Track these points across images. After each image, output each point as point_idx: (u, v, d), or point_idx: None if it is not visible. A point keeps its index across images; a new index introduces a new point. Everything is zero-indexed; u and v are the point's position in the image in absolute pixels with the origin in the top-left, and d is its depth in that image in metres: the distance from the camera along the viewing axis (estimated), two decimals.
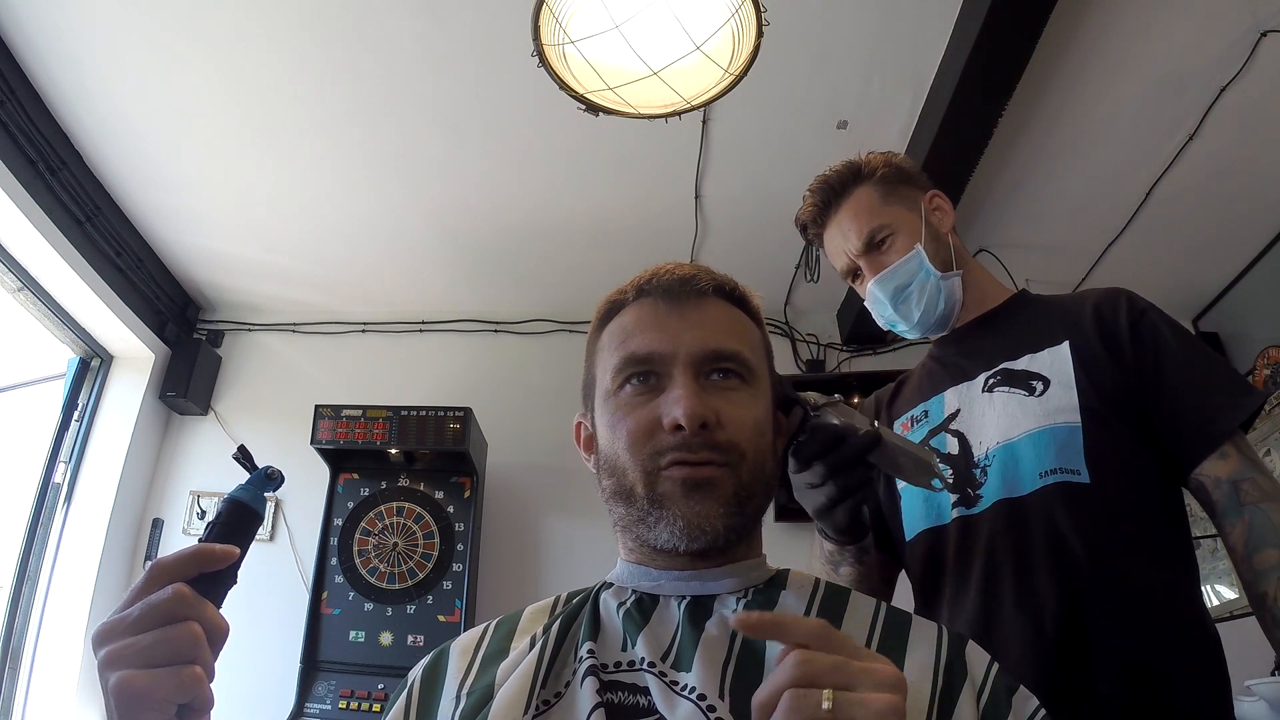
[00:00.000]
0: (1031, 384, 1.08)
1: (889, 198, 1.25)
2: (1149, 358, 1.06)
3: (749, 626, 0.53)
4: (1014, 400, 1.09)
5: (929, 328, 1.26)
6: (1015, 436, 1.06)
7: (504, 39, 2.15)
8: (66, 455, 2.85)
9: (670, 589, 0.72)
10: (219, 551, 0.57)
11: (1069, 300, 1.18)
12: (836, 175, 1.28)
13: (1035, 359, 1.10)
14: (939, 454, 1.13)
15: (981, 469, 1.09)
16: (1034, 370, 1.09)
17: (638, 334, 0.76)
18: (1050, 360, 1.09)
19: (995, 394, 1.11)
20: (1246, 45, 2.26)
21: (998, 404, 1.10)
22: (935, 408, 1.20)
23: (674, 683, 0.64)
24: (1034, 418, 1.05)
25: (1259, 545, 0.95)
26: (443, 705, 0.69)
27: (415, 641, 2.51)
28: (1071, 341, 1.09)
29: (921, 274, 1.21)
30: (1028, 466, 1.03)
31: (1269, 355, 3.06)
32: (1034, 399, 1.06)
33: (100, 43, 2.22)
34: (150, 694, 0.51)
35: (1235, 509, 0.98)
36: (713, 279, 0.79)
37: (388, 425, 2.68)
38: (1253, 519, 0.96)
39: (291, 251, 3.03)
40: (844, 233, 1.25)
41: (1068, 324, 1.12)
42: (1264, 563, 0.94)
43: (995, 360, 1.14)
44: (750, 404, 0.74)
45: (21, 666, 2.55)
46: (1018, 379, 1.10)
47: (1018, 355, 1.12)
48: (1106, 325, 1.10)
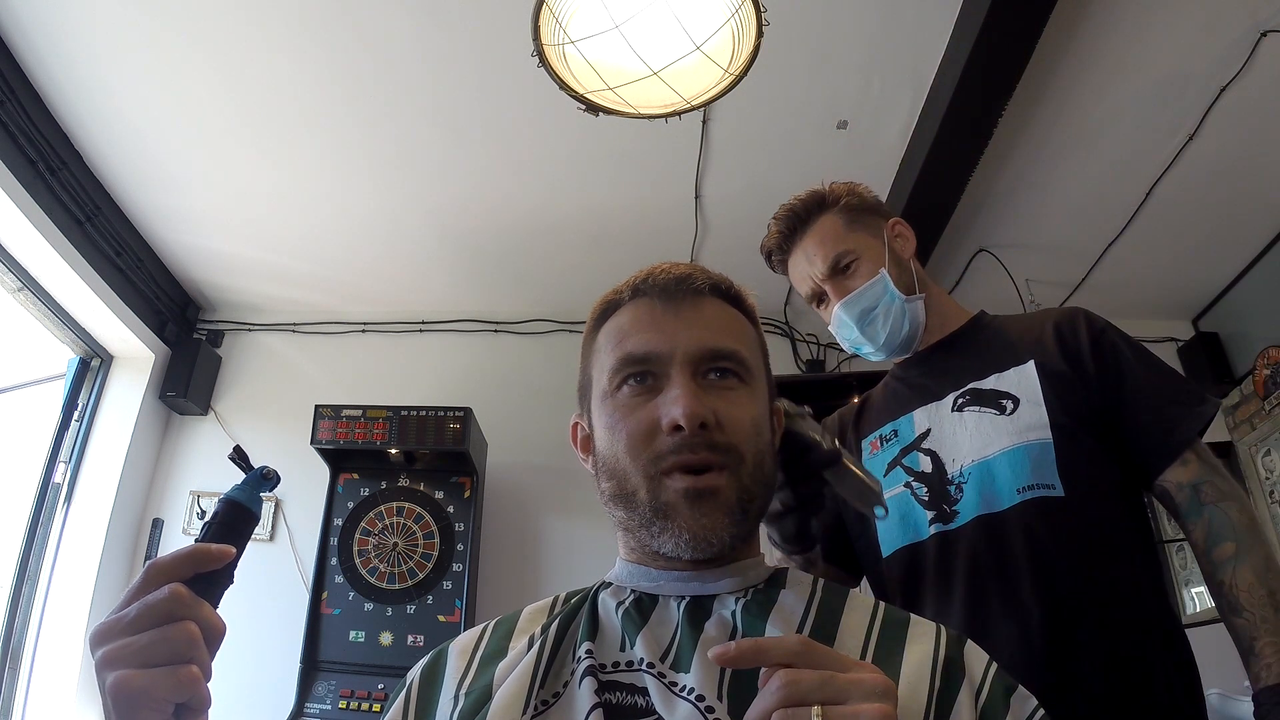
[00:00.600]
0: (1001, 403, 1.13)
1: (853, 225, 1.29)
2: (1111, 373, 1.13)
3: (729, 660, 0.54)
4: (985, 419, 1.14)
5: (894, 350, 1.30)
6: (990, 454, 1.11)
7: (504, 39, 2.15)
8: (66, 455, 2.85)
9: (670, 589, 0.72)
10: (215, 551, 0.57)
11: (1028, 320, 1.25)
12: (801, 203, 1.31)
13: (1002, 378, 1.15)
14: (912, 472, 1.19)
15: (956, 486, 1.13)
16: (1002, 389, 1.15)
17: (634, 334, 0.75)
18: (1017, 379, 1.14)
19: (966, 413, 1.16)
20: (1246, 45, 2.26)
21: (969, 423, 1.15)
22: (905, 427, 1.24)
23: (673, 684, 0.63)
24: (1007, 435, 1.11)
25: (1217, 539, 1.04)
26: (441, 705, 0.69)
27: (415, 641, 2.51)
28: (1036, 360, 1.14)
29: (886, 297, 1.25)
30: (1004, 483, 1.08)
31: (1269, 355, 3.06)
32: (1005, 417, 1.12)
33: (100, 43, 2.22)
34: (147, 693, 0.51)
35: (1196, 509, 1.06)
36: (708, 278, 0.79)
37: (388, 425, 2.68)
38: (1211, 517, 1.05)
39: (291, 251, 3.03)
40: (809, 258, 1.29)
41: (1030, 343, 1.17)
42: (1221, 555, 1.03)
43: (963, 380, 1.19)
44: (748, 403, 0.74)
45: (21, 666, 2.55)
46: (987, 398, 1.15)
47: (984, 375, 1.17)
48: (1068, 343, 1.16)
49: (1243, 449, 3.20)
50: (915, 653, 0.65)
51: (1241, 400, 3.20)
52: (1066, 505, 1.05)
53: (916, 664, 0.64)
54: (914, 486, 1.18)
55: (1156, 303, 3.40)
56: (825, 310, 1.31)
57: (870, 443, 1.27)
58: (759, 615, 0.68)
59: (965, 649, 0.67)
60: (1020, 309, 3.22)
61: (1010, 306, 3.23)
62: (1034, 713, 0.63)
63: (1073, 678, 0.98)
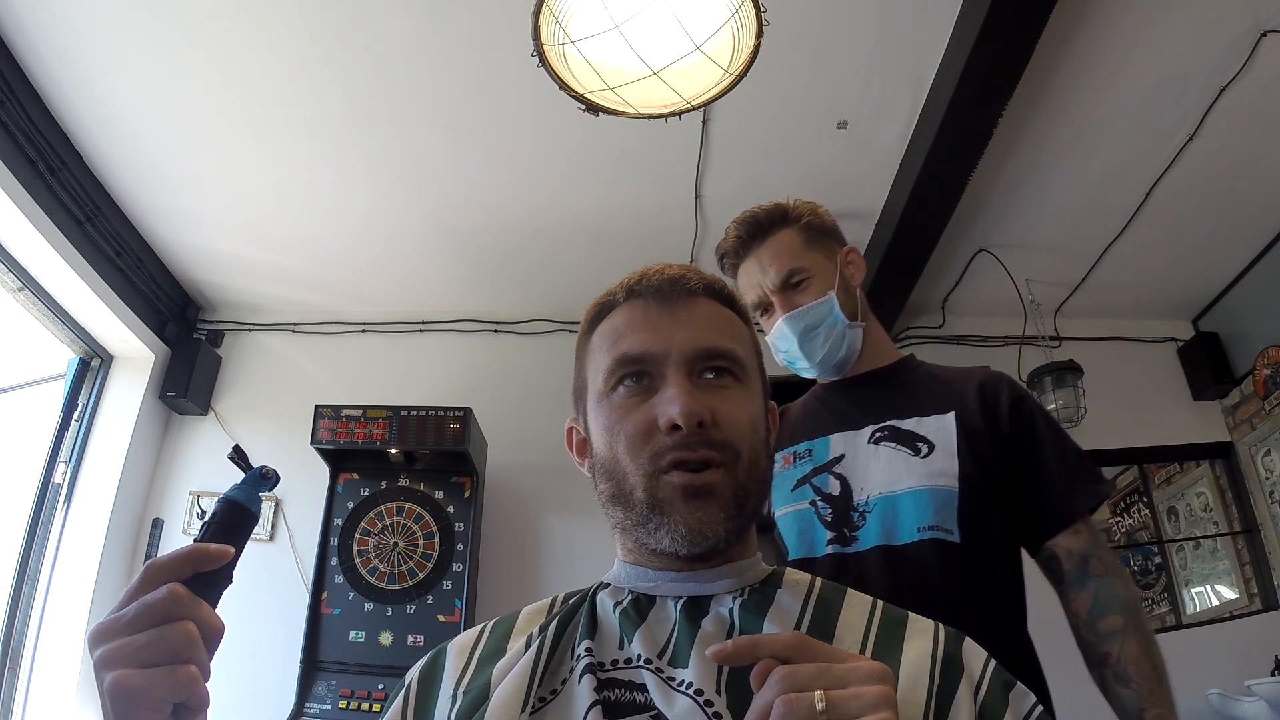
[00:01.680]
0: (917, 445, 1.20)
1: (810, 244, 1.33)
2: (1023, 439, 1.20)
3: (726, 657, 0.55)
4: (899, 457, 1.21)
5: (827, 370, 1.35)
6: (897, 490, 1.18)
7: (504, 39, 2.16)
8: (66, 455, 2.85)
9: (667, 590, 0.72)
10: (214, 551, 0.57)
11: (955, 374, 1.32)
12: (764, 214, 1.35)
13: (922, 423, 1.22)
14: (820, 492, 1.25)
15: (860, 513, 1.20)
16: (920, 433, 1.22)
17: (629, 334, 0.75)
18: (936, 426, 1.21)
19: (881, 447, 1.23)
20: (1246, 45, 2.26)
21: (883, 457, 1.22)
22: (820, 449, 1.30)
23: (671, 679, 0.64)
24: (917, 476, 1.18)
25: (1104, 611, 1.12)
26: (439, 705, 0.70)
27: (415, 641, 2.51)
28: (957, 413, 1.21)
29: (831, 319, 1.30)
30: (907, 519, 1.15)
31: (1269, 355, 3.06)
32: (918, 459, 1.19)
33: (100, 43, 2.23)
34: (146, 693, 0.51)
35: (1082, 579, 1.14)
36: (702, 279, 0.79)
37: (388, 425, 2.68)
38: (1098, 589, 1.13)
39: (291, 251, 3.04)
40: (763, 268, 1.33)
41: (954, 396, 1.25)
42: (1108, 626, 1.11)
43: (883, 416, 1.26)
44: (744, 401, 0.74)
45: (21, 666, 2.55)
46: (904, 438, 1.22)
47: (905, 415, 1.24)
48: (989, 404, 1.23)
49: (1243, 449, 3.20)
50: (914, 649, 0.66)
51: (1241, 400, 3.20)
52: (960, 551, 1.13)
53: (915, 660, 0.64)
54: (819, 506, 1.24)
55: (1156, 303, 3.40)
56: (767, 320, 1.34)
57: (784, 457, 1.33)
58: (757, 613, 0.68)
59: (964, 645, 0.67)
60: (1020, 309, 3.23)
61: (1010, 306, 3.23)
62: (1033, 709, 0.63)
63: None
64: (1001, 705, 0.62)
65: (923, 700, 0.61)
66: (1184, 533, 3.85)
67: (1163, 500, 4.06)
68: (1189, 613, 3.96)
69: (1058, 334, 3.35)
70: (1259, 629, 2.94)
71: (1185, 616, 3.97)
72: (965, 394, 1.24)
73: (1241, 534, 3.25)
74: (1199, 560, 3.88)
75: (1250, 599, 3.20)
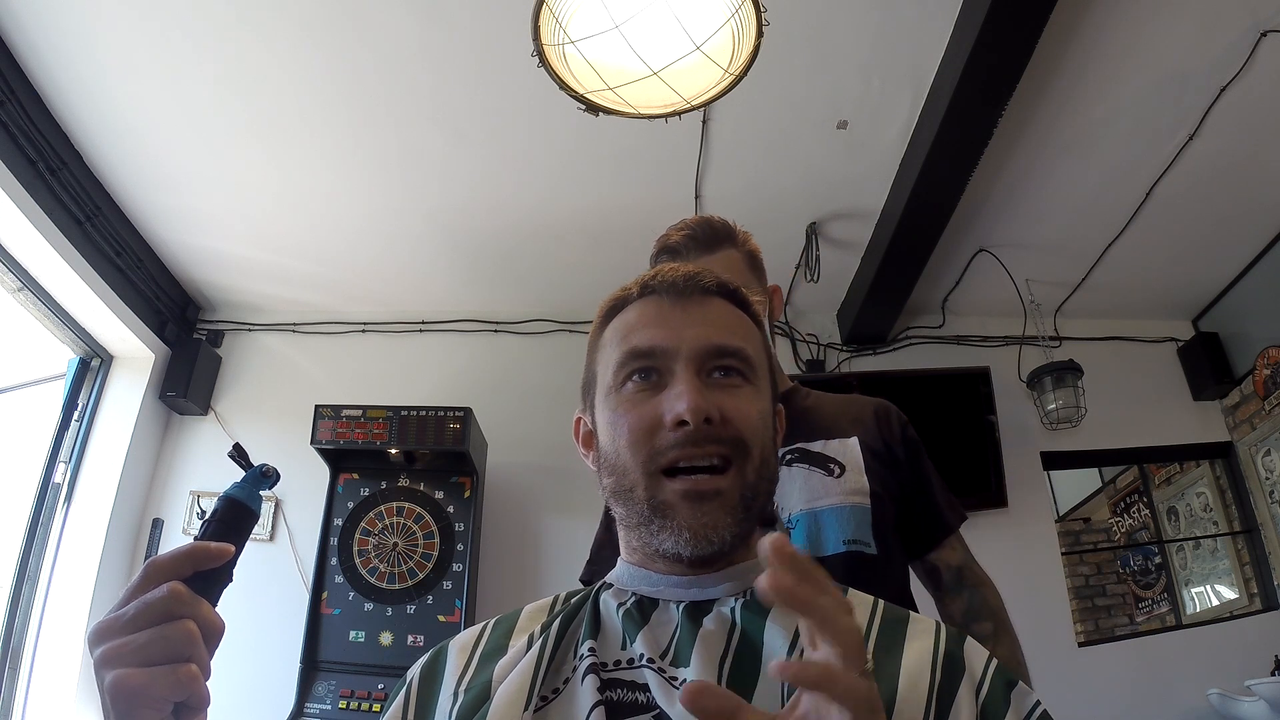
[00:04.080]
0: (830, 466, 1.29)
1: (751, 269, 1.39)
2: (912, 462, 1.33)
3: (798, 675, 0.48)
4: (815, 476, 1.29)
5: None
6: (819, 506, 1.26)
7: (504, 39, 2.16)
8: (66, 455, 2.85)
9: (670, 594, 0.72)
10: (214, 549, 0.57)
11: (846, 400, 1.43)
12: (720, 226, 1.40)
13: (828, 445, 1.31)
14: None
15: (785, 530, 1.26)
16: (829, 454, 1.30)
17: (640, 329, 0.75)
18: (842, 449, 1.30)
19: (795, 468, 1.30)
20: (1246, 45, 2.26)
21: (798, 477, 1.29)
22: None
23: (673, 678, 0.64)
24: (835, 495, 1.26)
25: (976, 617, 1.26)
26: (440, 703, 0.70)
27: (415, 641, 2.51)
28: (860, 438, 1.31)
29: None
30: (830, 534, 1.23)
31: (1269, 355, 3.06)
32: (833, 479, 1.27)
33: (100, 43, 2.23)
34: (146, 692, 0.51)
35: (958, 588, 1.30)
36: (716, 278, 0.79)
37: (388, 425, 2.68)
38: (971, 597, 1.29)
39: (291, 251, 3.04)
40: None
41: (852, 421, 1.34)
42: (980, 631, 1.23)
43: (791, 439, 1.32)
44: (754, 399, 0.74)
45: (21, 666, 2.55)
46: (815, 459, 1.30)
47: (812, 439, 1.32)
48: (884, 429, 1.35)
49: (1243, 449, 3.20)
50: (915, 649, 0.65)
51: (1241, 400, 3.20)
52: (876, 562, 1.22)
53: (916, 659, 0.64)
54: None
55: (1156, 303, 3.40)
56: None
57: None
58: (758, 613, 0.68)
59: (965, 645, 0.67)
60: (1020, 309, 3.23)
61: (1010, 306, 3.24)
62: (1034, 708, 0.63)
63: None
64: (1003, 704, 0.62)
65: (923, 699, 0.61)
66: (1184, 533, 3.85)
67: (1163, 500, 4.06)
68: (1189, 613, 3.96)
69: (1058, 334, 3.35)
70: (1259, 629, 2.94)
71: (1185, 616, 3.98)
72: (863, 420, 1.35)
73: (1241, 534, 3.25)
74: (1199, 560, 3.89)
75: (1250, 599, 3.20)
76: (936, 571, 1.32)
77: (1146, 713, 2.72)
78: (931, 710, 0.61)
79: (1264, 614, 3.02)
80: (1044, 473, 3.22)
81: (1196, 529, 3.70)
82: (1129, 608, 4.36)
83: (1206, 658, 2.81)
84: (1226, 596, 3.54)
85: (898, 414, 1.39)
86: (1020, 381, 3.23)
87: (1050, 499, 3.49)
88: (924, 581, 1.35)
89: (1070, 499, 4.97)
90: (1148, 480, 4.23)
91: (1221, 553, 3.53)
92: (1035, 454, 3.18)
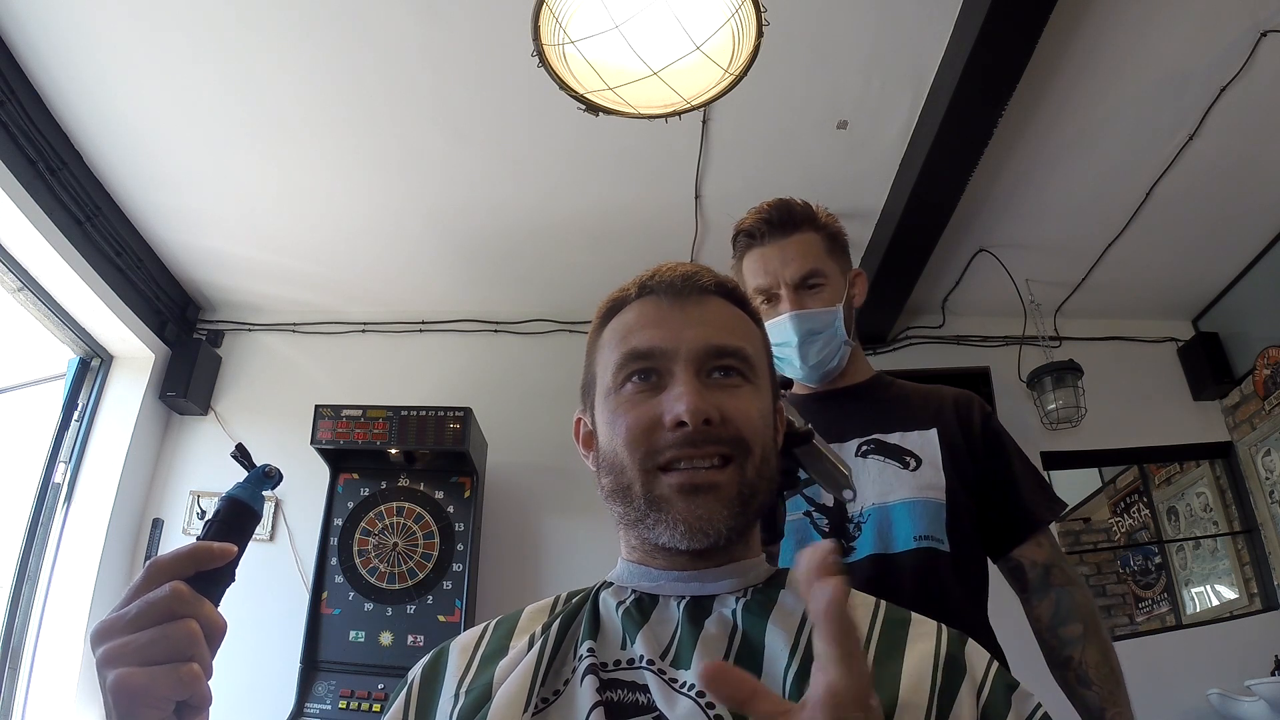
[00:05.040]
0: (905, 459, 1.26)
1: (831, 253, 1.37)
2: (995, 457, 1.30)
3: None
4: (889, 469, 1.26)
5: (814, 376, 1.38)
6: (890, 501, 1.23)
7: (504, 39, 2.15)
8: (66, 455, 2.85)
9: (670, 589, 0.72)
10: (216, 549, 0.57)
11: (928, 391, 1.38)
12: (800, 208, 1.37)
13: (906, 437, 1.28)
14: (814, 503, 1.28)
15: (856, 524, 1.24)
16: (906, 447, 1.27)
17: (639, 330, 0.76)
18: (920, 441, 1.28)
19: (870, 460, 1.27)
20: (1246, 45, 2.26)
21: (872, 470, 1.26)
22: None
23: (673, 680, 0.64)
24: (908, 489, 1.23)
25: (1066, 619, 1.21)
26: (441, 703, 0.70)
27: (415, 641, 2.51)
28: (939, 429, 1.28)
29: (833, 328, 1.34)
30: (901, 530, 1.21)
31: (1269, 355, 3.06)
32: (908, 472, 1.25)
33: (100, 43, 2.22)
34: (148, 692, 0.51)
35: (1044, 588, 1.24)
36: (714, 277, 0.79)
37: (388, 425, 2.68)
38: (1059, 597, 1.23)
39: (291, 251, 3.04)
40: (785, 259, 1.34)
41: (932, 413, 1.32)
42: (1070, 633, 1.20)
43: (868, 430, 1.30)
44: (754, 398, 0.74)
45: (21, 666, 2.55)
46: (891, 451, 1.27)
47: (889, 430, 1.29)
48: (965, 422, 1.31)
49: (1243, 449, 3.20)
50: (916, 651, 0.66)
51: (1241, 400, 3.20)
52: (950, 559, 1.20)
53: (918, 662, 0.64)
54: (814, 516, 1.27)
55: (1156, 303, 3.40)
56: (767, 309, 1.36)
57: None
58: (760, 614, 0.68)
59: (966, 647, 0.67)
60: (1020, 309, 3.23)
61: (1010, 306, 3.23)
62: (1035, 710, 0.63)
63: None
64: (1004, 706, 0.62)
65: (924, 703, 0.61)
66: (1184, 533, 3.85)
67: (1163, 500, 4.06)
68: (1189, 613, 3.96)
69: (1058, 334, 3.35)
70: (1259, 629, 2.94)
71: (1185, 616, 3.97)
72: (942, 411, 1.31)
73: (1241, 534, 3.25)
74: (1199, 560, 3.88)
75: (1250, 599, 3.20)
76: (1021, 570, 1.27)
77: (1146, 713, 2.70)
78: (932, 713, 0.61)
79: (1264, 614, 3.02)
80: (1044, 473, 3.21)
81: (1196, 529, 3.70)
82: (1129, 608, 4.36)
83: (1206, 658, 2.80)
84: (1226, 596, 3.54)
85: (980, 405, 1.35)
86: (1020, 381, 3.23)
87: None
88: (1010, 581, 1.29)
89: (1070, 499, 4.97)
90: (1148, 480, 4.23)
91: (1221, 553, 3.53)
92: (1035, 454, 3.18)
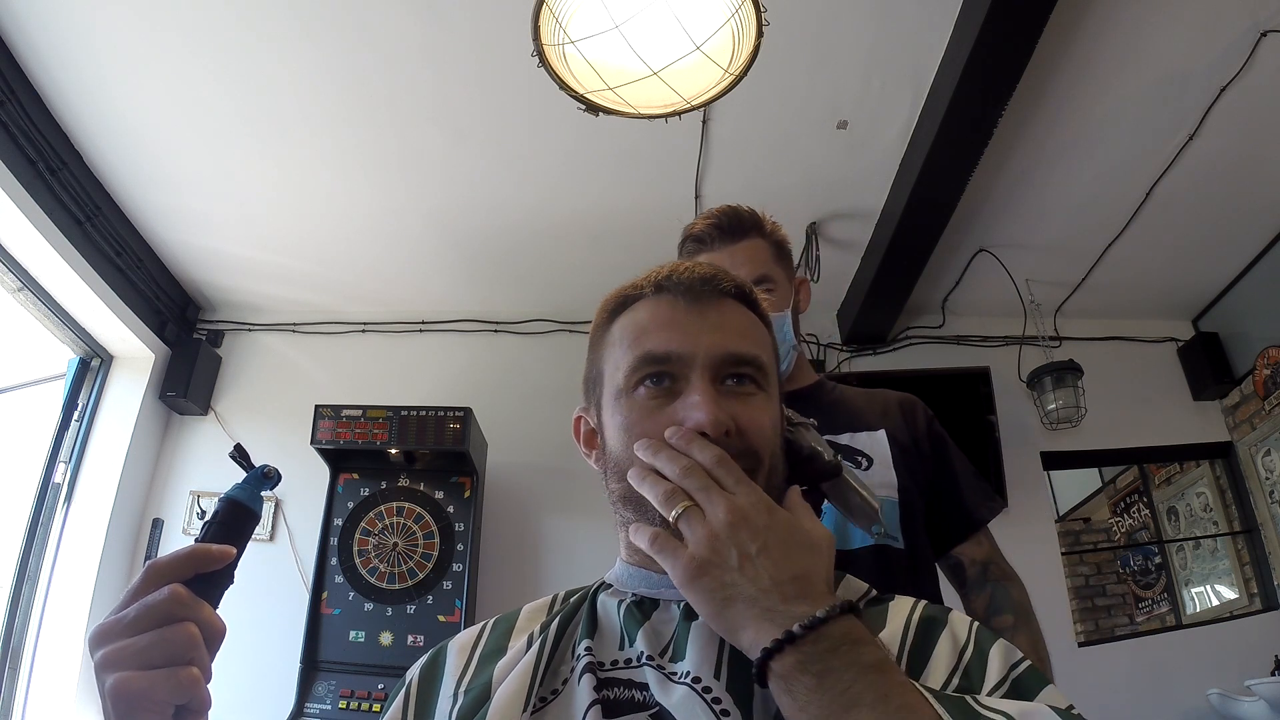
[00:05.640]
0: (856, 459, 1.28)
1: (778, 259, 1.38)
2: (938, 457, 1.33)
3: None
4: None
5: None
6: None
7: (504, 39, 2.15)
8: (66, 455, 2.85)
9: (670, 594, 0.71)
10: (215, 551, 0.57)
11: (871, 394, 1.41)
12: (747, 214, 1.38)
13: (855, 438, 1.30)
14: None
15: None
16: (856, 447, 1.29)
17: (655, 331, 0.73)
18: (870, 442, 1.30)
19: None
20: (1246, 45, 2.26)
21: None
22: None
23: (671, 673, 0.64)
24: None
25: (998, 610, 1.25)
26: (440, 703, 0.69)
27: (415, 641, 2.51)
28: (887, 430, 1.31)
29: (782, 333, 1.34)
30: (857, 528, 1.20)
31: (1269, 355, 3.06)
32: (860, 472, 1.25)
33: (100, 43, 2.22)
34: (147, 695, 0.51)
35: (981, 583, 1.28)
36: (732, 281, 0.77)
37: (388, 425, 2.68)
38: (994, 591, 1.27)
39: (291, 251, 3.04)
40: (735, 264, 1.36)
41: (878, 414, 1.34)
42: (1001, 624, 1.23)
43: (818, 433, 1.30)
44: (766, 408, 0.73)
45: (21, 666, 2.55)
46: (843, 452, 1.27)
47: (839, 432, 1.30)
48: (910, 423, 1.34)
49: (1243, 449, 3.20)
50: (891, 625, 0.66)
51: (1241, 400, 3.20)
52: (904, 556, 1.22)
53: (890, 634, 0.65)
54: None
55: (1156, 303, 3.40)
56: None
57: None
58: None
59: (950, 615, 0.67)
60: (1020, 309, 3.23)
61: (1010, 306, 3.23)
62: (1019, 662, 0.62)
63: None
64: (989, 642, 0.63)
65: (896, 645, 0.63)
66: (1184, 533, 3.85)
67: (1163, 500, 4.07)
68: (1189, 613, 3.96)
69: (1058, 334, 3.35)
70: (1259, 629, 2.94)
71: (1185, 616, 3.98)
72: (889, 413, 1.34)
73: (1241, 534, 3.25)
74: (1199, 560, 3.89)
75: (1250, 599, 3.20)
76: (961, 567, 1.30)
77: (1146, 713, 2.72)
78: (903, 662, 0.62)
79: (1264, 614, 3.02)
80: (1044, 473, 3.22)
81: (1196, 529, 3.70)
82: (1129, 608, 4.36)
83: (1206, 658, 2.81)
84: (1226, 596, 3.54)
85: (924, 408, 1.38)
86: (1020, 381, 3.23)
87: (1050, 499, 3.50)
88: (949, 578, 1.32)
89: (1070, 499, 4.97)
90: (1148, 480, 4.23)
91: (1221, 553, 3.54)
92: (1035, 454, 3.18)
